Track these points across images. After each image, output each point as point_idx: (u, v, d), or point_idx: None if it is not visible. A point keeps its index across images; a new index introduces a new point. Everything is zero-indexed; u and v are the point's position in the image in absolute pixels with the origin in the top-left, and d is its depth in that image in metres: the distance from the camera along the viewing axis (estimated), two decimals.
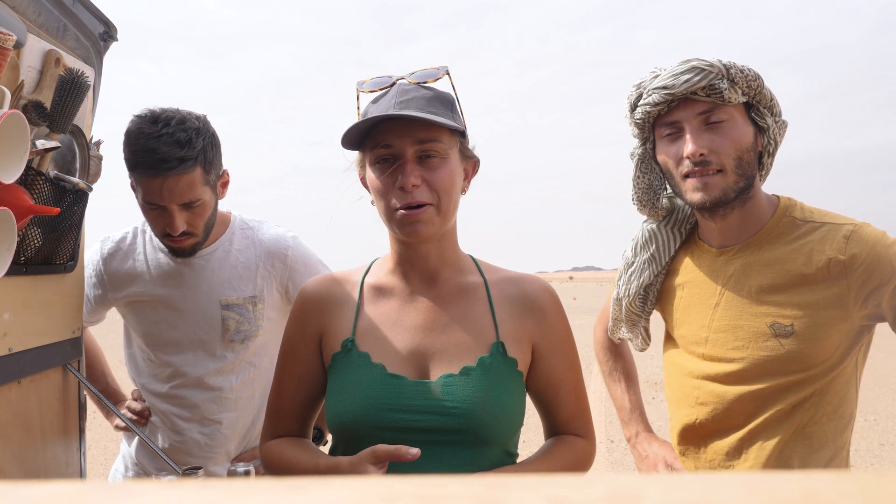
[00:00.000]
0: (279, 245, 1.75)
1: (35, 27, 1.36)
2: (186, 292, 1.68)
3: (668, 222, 1.47)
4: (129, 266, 1.72)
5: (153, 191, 1.48)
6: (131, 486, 0.25)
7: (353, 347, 1.12)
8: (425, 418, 1.05)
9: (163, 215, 1.53)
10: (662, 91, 1.28)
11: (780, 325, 1.26)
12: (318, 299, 1.19)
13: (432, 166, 1.06)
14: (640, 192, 1.44)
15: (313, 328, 1.18)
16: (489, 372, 1.08)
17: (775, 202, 1.35)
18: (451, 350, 1.10)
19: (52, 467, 1.57)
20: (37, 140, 1.30)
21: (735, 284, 1.33)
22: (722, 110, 1.26)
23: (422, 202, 1.05)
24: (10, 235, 1.17)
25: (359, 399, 1.07)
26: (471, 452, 1.06)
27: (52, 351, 1.57)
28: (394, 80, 1.13)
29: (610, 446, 5.72)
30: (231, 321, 1.67)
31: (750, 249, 1.33)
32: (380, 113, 1.06)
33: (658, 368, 10.07)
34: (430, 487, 0.24)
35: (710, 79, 1.24)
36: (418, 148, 1.06)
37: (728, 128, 1.26)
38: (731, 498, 0.22)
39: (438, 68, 1.14)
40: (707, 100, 1.25)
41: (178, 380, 1.70)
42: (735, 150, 1.26)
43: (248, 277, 1.70)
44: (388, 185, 1.06)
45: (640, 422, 1.61)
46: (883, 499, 0.22)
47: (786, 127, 1.32)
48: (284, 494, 0.23)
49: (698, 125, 1.27)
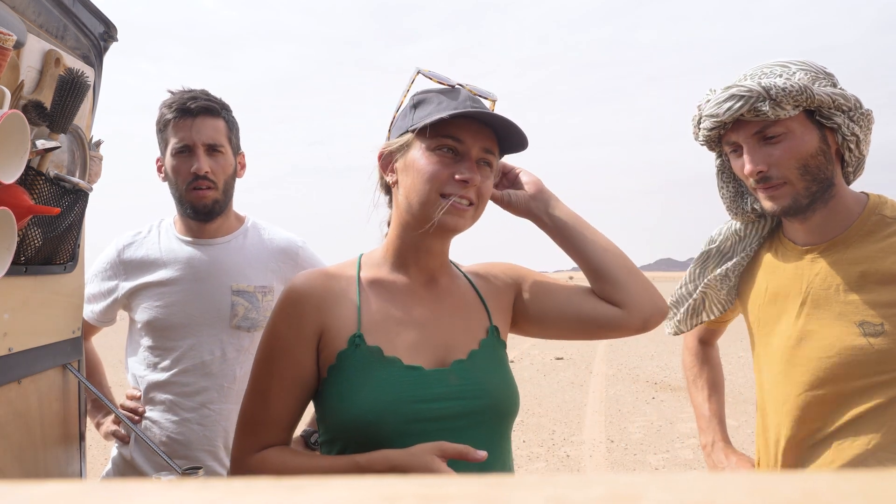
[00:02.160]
0: (291, 245, 1.86)
1: (35, 27, 1.36)
2: (198, 276, 1.75)
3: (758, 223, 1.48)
4: (144, 254, 1.80)
5: (184, 129, 1.69)
6: (131, 486, 0.25)
7: (363, 343, 1.09)
8: (450, 405, 1.08)
9: (190, 159, 1.69)
10: (711, 118, 1.33)
11: (869, 325, 1.24)
12: (315, 295, 1.12)
13: (485, 174, 1.13)
14: (727, 201, 1.46)
15: (312, 326, 1.11)
16: (491, 353, 1.17)
17: (864, 200, 1.33)
18: (455, 337, 1.15)
19: (52, 467, 1.57)
20: (37, 140, 1.30)
21: (821, 283, 1.31)
22: (775, 126, 1.26)
23: (472, 200, 1.12)
24: (10, 235, 1.17)
25: (382, 394, 1.05)
26: (492, 430, 1.12)
27: (52, 351, 1.57)
28: (454, 83, 1.19)
29: (610, 446, 5.72)
30: (240, 307, 1.75)
31: (837, 248, 1.31)
32: (456, 109, 1.10)
33: (659, 368, 10.08)
34: (430, 487, 0.24)
35: (751, 104, 1.25)
36: (482, 154, 1.13)
37: (785, 141, 1.26)
38: (731, 498, 0.22)
39: (491, 92, 1.22)
40: (757, 119, 1.27)
41: (182, 364, 1.73)
42: (796, 161, 1.26)
43: (259, 268, 1.80)
44: (446, 173, 1.10)
45: (719, 431, 1.60)
46: (883, 499, 0.22)
47: (868, 117, 1.30)
48: (284, 494, 0.23)
49: (755, 143, 1.29)
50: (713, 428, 1.61)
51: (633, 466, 5.18)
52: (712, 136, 1.37)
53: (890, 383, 1.24)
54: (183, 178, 1.71)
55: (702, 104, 1.37)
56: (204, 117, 1.70)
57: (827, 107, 1.26)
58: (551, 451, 5.54)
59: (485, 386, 1.12)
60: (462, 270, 1.27)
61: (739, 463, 1.52)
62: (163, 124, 1.73)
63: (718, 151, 1.44)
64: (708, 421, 1.62)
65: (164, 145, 1.74)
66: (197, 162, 1.69)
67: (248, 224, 1.87)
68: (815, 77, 1.27)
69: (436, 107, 1.12)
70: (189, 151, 1.70)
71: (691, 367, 1.71)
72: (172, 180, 1.74)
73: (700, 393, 1.67)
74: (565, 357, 11.29)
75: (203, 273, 1.75)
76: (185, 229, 1.81)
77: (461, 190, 1.09)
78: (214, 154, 1.72)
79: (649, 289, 1.21)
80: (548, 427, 6.31)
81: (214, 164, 1.71)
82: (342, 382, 1.08)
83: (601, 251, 1.21)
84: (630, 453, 5.52)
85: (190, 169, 1.69)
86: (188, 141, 1.69)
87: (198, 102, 1.70)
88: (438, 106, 1.12)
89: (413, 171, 1.11)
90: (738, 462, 1.52)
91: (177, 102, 1.71)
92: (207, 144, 1.70)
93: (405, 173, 1.13)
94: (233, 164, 1.77)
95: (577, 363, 10.70)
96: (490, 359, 1.16)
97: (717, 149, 1.43)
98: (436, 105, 1.12)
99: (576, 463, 5.25)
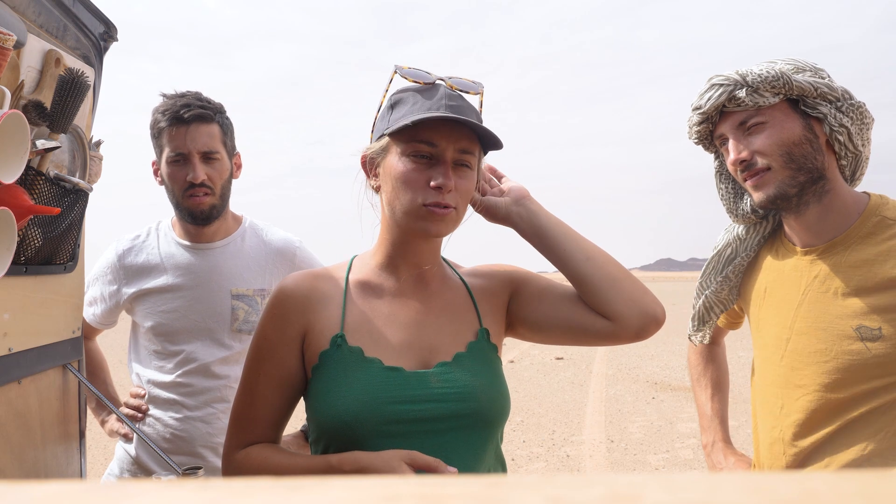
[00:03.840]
0: (288, 246, 1.87)
1: (35, 27, 1.36)
2: (199, 281, 1.76)
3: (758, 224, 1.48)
4: (144, 259, 1.80)
5: (178, 139, 1.68)
6: (131, 486, 0.25)
7: (344, 343, 1.10)
8: (429, 407, 1.07)
9: (185, 167, 1.70)
10: (697, 112, 1.37)
11: (866, 329, 1.23)
12: (300, 296, 1.13)
13: (463, 175, 1.10)
14: (726, 202, 1.47)
15: (296, 326, 1.12)
16: (479, 356, 1.14)
17: (864, 200, 1.31)
18: (441, 340, 1.13)
19: (52, 467, 1.58)
20: (37, 140, 1.30)
21: (820, 286, 1.30)
22: (759, 114, 1.29)
23: (449, 204, 1.08)
24: (10, 235, 1.17)
25: (360, 395, 1.06)
26: (474, 436, 1.09)
27: (52, 351, 1.57)
28: (433, 80, 1.15)
29: (610, 446, 5.72)
30: (240, 311, 1.76)
31: (836, 249, 1.30)
32: (429, 112, 1.07)
33: (658, 368, 10.08)
34: (430, 487, 0.24)
35: (730, 92, 1.29)
36: (458, 156, 1.09)
37: (767, 128, 1.29)
38: (731, 498, 0.22)
39: (476, 83, 1.18)
40: (740, 109, 1.30)
41: (186, 367, 1.74)
42: (779, 147, 1.27)
43: (257, 271, 1.81)
44: (421, 180, 1.08)
45: (720, 431, 1.60)
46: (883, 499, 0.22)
47: (860, 109, 1.29)
48: (284, 494, 0.23)
49: (739, 133, 1.32)
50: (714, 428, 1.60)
51: (633, 466, 5.18)
52: (702, 132, 1.40)
53: (887, 388, 1.22)
54: (179, 186, 1.71)
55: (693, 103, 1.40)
56: (198, 125, 1.70)
57: (810, 95, 1.27)
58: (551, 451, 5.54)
59: (469, 390, 1.09)
60: (457, 271, 1.25)
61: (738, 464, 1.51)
62: (157, 131, 1.73)
63: (715, 152, 1.45)
64: (710, 420, 1.62)
65: (160, 151, 1.74)
66: (193, 171, 1.69)
67: (246, 225, 1.88)
68: (798, 68, 1.29)
69: (410, 108, 1.10)
70: (184, 160, 1.70)
71: (696, 365, 1.71)
72: (169, 187, 1.74)
73: (703, 392, 1.66)
74: (565, 357, 11.29)
75: (203, 278, 1.76)
76: (184, 233, 1.82)
77: (437, 196, 1.07)
78: (210, 161, 1.72)
79: (638, 299, 1.13)
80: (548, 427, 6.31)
81: (211, 171, 1.72)
82: (323, 382, 1.09)
83: (583, 262, 1.15)
84: (630, 453, 5.52)
85: (186, 177, 1.70)
86: (183, 150, 1.69)
87: (191, 111, 1.69)
88: (413, 107, 1.09)
89: (391, 178, 1.10)
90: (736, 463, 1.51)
91: (170, 110, 1.70)
92: (202, 152, 1.70)
93: (385, 179, 1.12)
94: (228, 167, 1.77)
95: (577, 363, 10.70)
96: (477, 362, 1.13)
97: (711, 148, 1.45)
98: (410, 106, 1.10)
99: (576, 463, 5.25)
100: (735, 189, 1.46)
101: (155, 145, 1.76)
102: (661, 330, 1.55)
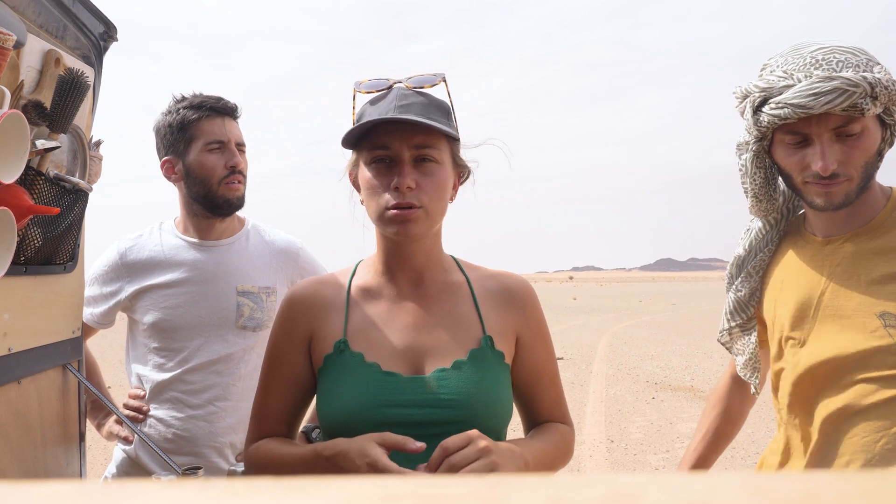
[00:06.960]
0: (291, 246, 1.92)
1: (35, 27, 1.36)
2: (205, 277, 1.77)
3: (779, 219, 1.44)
4: (148, 256, 1.81)
5: (217, 129, 1.76)
6: (131, 486, 0.25)
7: (346, 348, 1.14)
8: (422, 412, 1.08)
9: (224, 154, 1.76)
10: (798, 109, 1.19)
11: (891, 316, 1.22)
12: (305, 302, 1.19)
13: (427, 171, 1.10)
14: (755, 187, 1.36)
15: (302, 331, 1.19)
16: (480, 364, 1.13)
17: (888, 192, 1.31)
18: (441, 346, 1.14)
19: (52, 467, 1.58)
20: (37, 140, 1.30)
21: (843, 273, 1.28)
22: (857, 122, 1.19)
23: (413, 204, 1.08)
24: (10, 235, 1.17)
25: (354, 397, 1.09)
26: None
27: (52, 351, 1.57)
28: (391, 83, 1.16)
29: (610, 446, 5.72)
30: (245, 307, 1.78)
31: (860, 238, 1.28)
32: (379, 115, 1.09)
33: (659, 368, 10.08)
34: (430, 487, 0.24)
35: (854, 99, 1.16)
36: (415, 152, 1.09)
37: (860, 139, 1.21)
38: (731, 498, 0.22)
39: (435, 74, 1.17)
40: (843, 114, 1.18)
41: (188, 364, 1.74)
42: (864, 159, 1.22)
43: (263, 269, 1.84)
44: (383, 184, 1.09)
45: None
46: (883, 499, 0.22)
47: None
48: (284, 494, 0.23)
49: (830, 139, 1.20)
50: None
51: (633, 466, 5.18)
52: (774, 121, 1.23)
53: None
54: (218, 174, 1.75)
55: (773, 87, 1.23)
56: (230, 118, 1.80)
57: (893, 104, 1.21)
58: None
59: (464, 396, 1.09)
60: (468, 274, 1.23)
61: None
62: (183, 125, 1.75)
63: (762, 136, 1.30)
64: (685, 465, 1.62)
65: (186, 145, 1.76)
66: (233, 157, 1.76)
67: (249, 226, 1.91)
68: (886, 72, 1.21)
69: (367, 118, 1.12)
70: (223, 148, 1.76)
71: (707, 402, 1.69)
72: (201, 177, 1.75)
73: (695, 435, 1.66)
74: (565, 357, 11.29)
75: (209, 275, 1.77)
76: (192, 230, 1.82)
77: (398, 198, 1.08)
78: (241, 152, 1.81)
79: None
80: None
81: (243, 162, 1.80)
82: (326, 385, 1.14)
83: None
84: (630, 453, 5.52)
85: (224, 164, 1.75)
86: (222, 137, 1.76)
87: (223, 103, 1.79)
88: (369, 117, 1.11)
89: (364, 188, 1.14)
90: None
91: (207, 102, 1.77)
92: (237, 143, 1.79)
93: (362, 190, 1.15)
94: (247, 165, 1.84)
95: (577, 363, 10.70)
96: (479, 369, 1.12)
97: (763, 131, 1.29)
98: (367, 116, 1.12)
99: (576, 463, 5.25)
100: (768, 178, 1.36)
101: (177, 139, 1.76)
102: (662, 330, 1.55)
